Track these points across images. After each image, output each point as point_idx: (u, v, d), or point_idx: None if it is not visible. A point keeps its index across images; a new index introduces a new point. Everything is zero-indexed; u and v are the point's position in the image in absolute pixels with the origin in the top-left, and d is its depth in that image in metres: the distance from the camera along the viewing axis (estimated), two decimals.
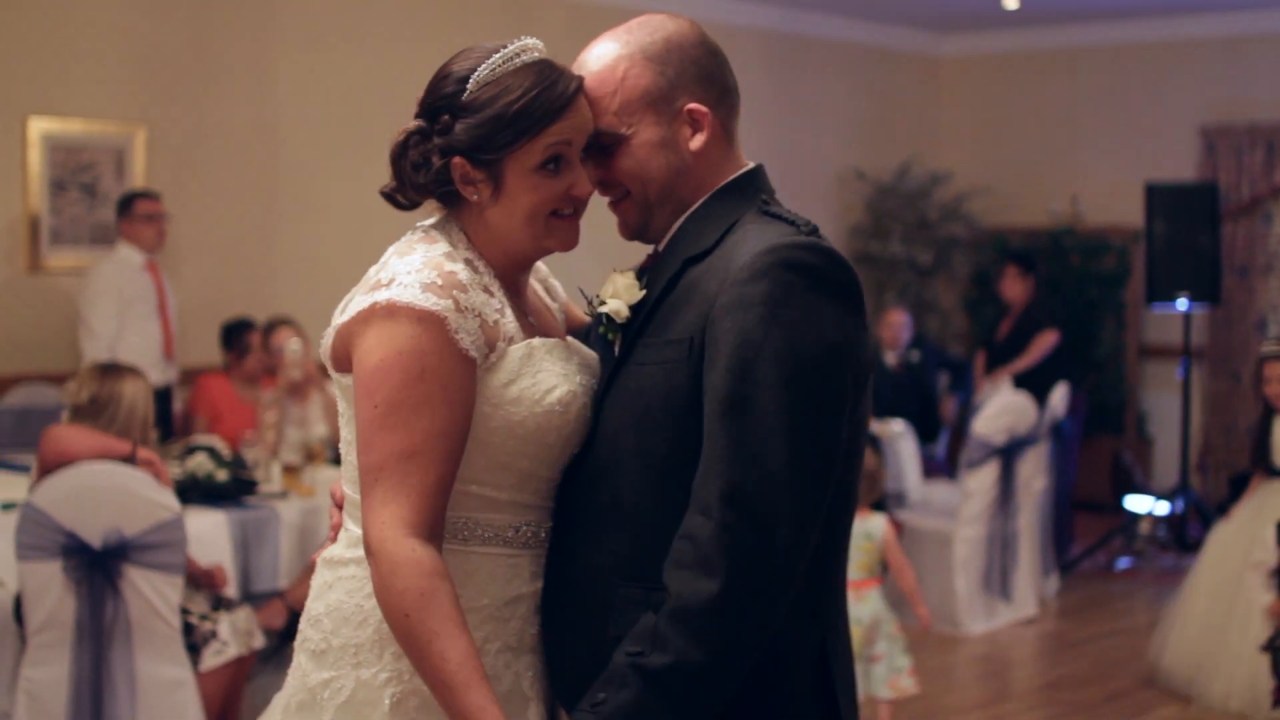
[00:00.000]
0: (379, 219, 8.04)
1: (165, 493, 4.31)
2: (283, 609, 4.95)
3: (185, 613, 4.45)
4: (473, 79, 2.00)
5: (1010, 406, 7.10)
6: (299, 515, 5.11)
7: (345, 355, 2.00)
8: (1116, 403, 9.89)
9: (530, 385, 1.99)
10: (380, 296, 1.94)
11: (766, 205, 2.02)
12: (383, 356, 1.92)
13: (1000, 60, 10.63)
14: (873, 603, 4.93)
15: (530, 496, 2.05)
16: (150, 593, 4.26)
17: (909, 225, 10.10)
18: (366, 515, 1.91)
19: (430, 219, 2.10)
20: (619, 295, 2.07)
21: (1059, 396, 7.74)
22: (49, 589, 4.20)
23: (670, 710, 1.82)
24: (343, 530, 2.09)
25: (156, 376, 6.49)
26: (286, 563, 5.05)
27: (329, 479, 5.39)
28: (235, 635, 4.57)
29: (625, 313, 2.05)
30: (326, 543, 2.15)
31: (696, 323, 1.93)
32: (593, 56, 2.06)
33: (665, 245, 2.07)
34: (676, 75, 2.03)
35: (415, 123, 2.05)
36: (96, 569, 4.20)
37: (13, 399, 6.66)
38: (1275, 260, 9.50)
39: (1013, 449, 7.05)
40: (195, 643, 4.48)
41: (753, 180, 2.08)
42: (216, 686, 4.54)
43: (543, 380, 2.00)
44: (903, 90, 10.67)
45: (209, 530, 4.83)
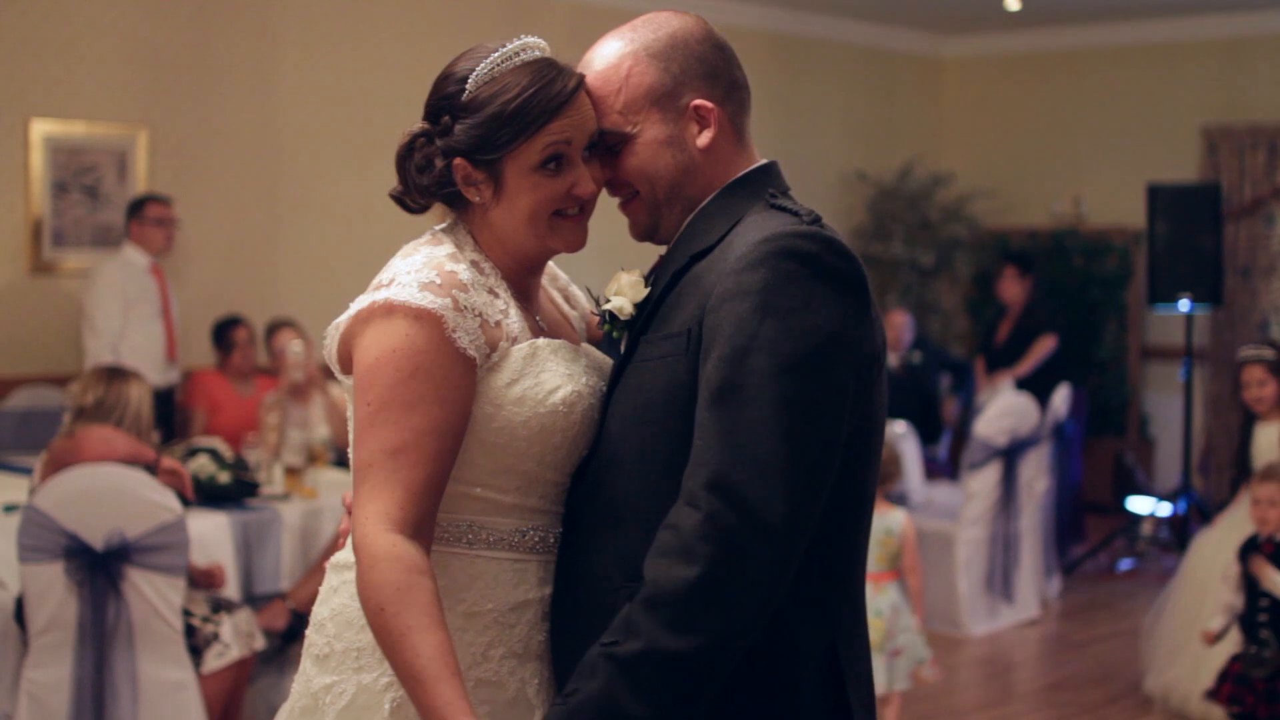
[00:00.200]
0: (380, 220, 8.07)
1: (167, 494, 4.31)
2: (284, 611, 4.95)
3: (187, 615, 4.45)
4: (471, 78, 1.98)
5: (1012, 408, 7.10)
6: (301, 517, 5.11)
7: (348, 356, 1.99)
8: (1118, 404, 9.88)
9: (533, 385, 1.97)
10: (379, 296, 1.94)
11: (774, 198, 1.97)
12: (377, 355, 1.91)
13: (1002, 62, 10.63)
14: (892, 595, 4.97)
15: (537, 501, 2.01)
16: (152, 595, 4.26)
17: (911, 226, 10.09)
18: (354, 512, 1.89)
19: (443, 223, 2.09)
20: (623, 293, 2.05)
21: (1061, 398, 7.73)
22: (51, 591, 4.20)
23: (640, 698, 1.74)
24: (350, 536, 2.08)
25: (159, 378, 6.50)
26: (288, 564, 5.05)
27: (331, 481, 5.40)
28: (237, 637, 4.57)
29: (629, 310, 2.03)
30: (335, 547, 2.14)
31: (695, 314, 1.89)
32: (597, 55, 2.03)
33: (673, 243, 2.03)
34: (681, 72, 1.99)
35: (419, 125, 2.04)
36: (98, 571, 4.20)
37: (15, 401, 6.66)
38: (1277, 261, 9.49)
39: (1015, 450, 7.05)
40: (197, 645, 4.47)
41: (762, 175, 2.03)
42: (218, 688, 4.54)
43: (546, 380, 1.97)
44: (905, 91, 10.66)
45: (211, 532, 4.83)
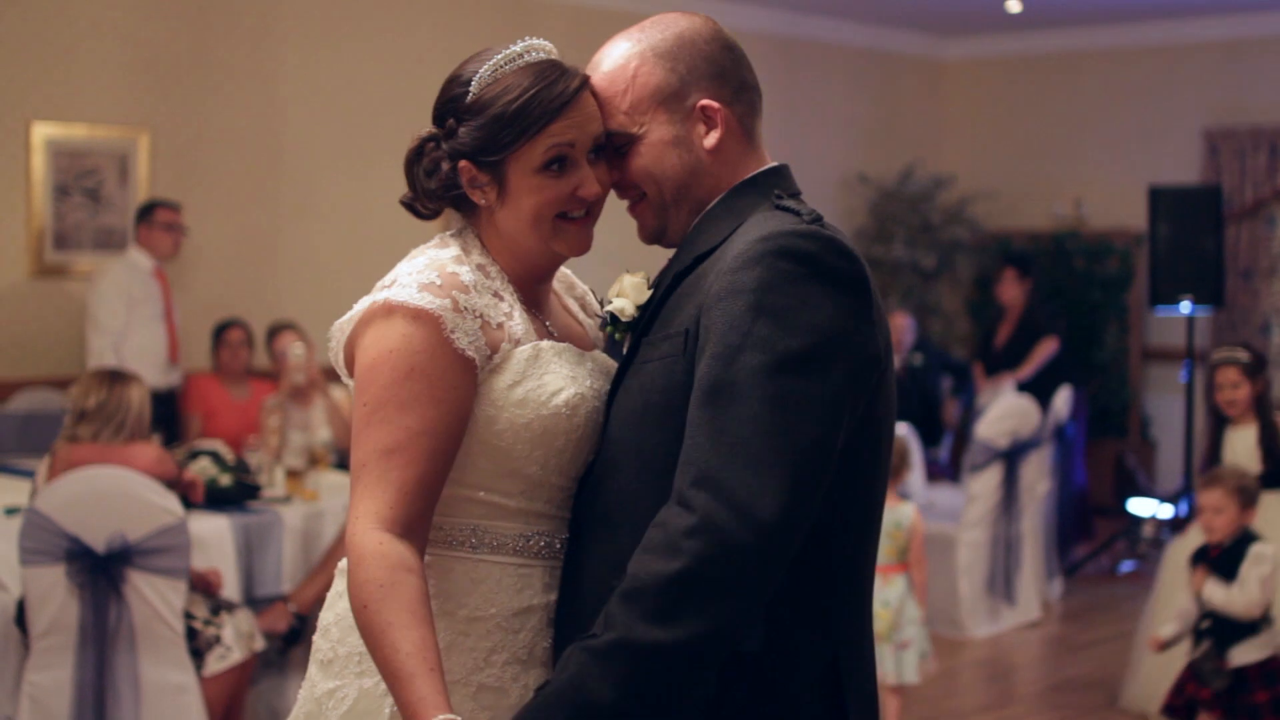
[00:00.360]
0: (381, 222, 8.07)
1: (168, 497, 4.32)
2: (286, 613, 4.95)
3: (189, 617, 4.45)
4: (475, 80, 1.98)
5: (1013, 410, 7.10)
6: (302, 519, 5.11)
7: (354, 358, 1.98)
8: (1120, 406, 9.88)
9: (536, 387, 1.96)
10: (379, 297, 1.94)
11: (780, 199, 1.94)
12: (375, 356, 1.91)
13: (1003, 64, 10.63)
14: (900, 587, 5.00)
15: (542, 505, 2.00)
16: (154, 597, 4.27)
17: (912, 229, 10.09)
18: (349, 512, 1.90)
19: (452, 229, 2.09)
20: (625, 294, 2.04)
21: (1062, 400, 7.73)
22: (52, 594, 4.20)
23: (608, 684, 1.70)
24: None
25: (161, 379, 6.52)
26: (290, 567, 5.05)
27: (332, 483, 5.40)
28: (238, 639, 4.57)
29: (630, 311, 2.02)
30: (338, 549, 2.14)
31: (693, 314, 1.86)
32: (606, 56, 2.03)
33: (680, 245, 2.01)
34: (688, 72, 1.98)
35: (427, 129, 2.04)
36: (100, 573, 4.20)
37: (17, 404, 6.67)
38: (1278, 263, 9.49)
39: (1016, 452, 7.05)
40: (199, 647, 4.48)
41: (771, 177, 2.01)
42: (220, 691, 4.54)
43: (549, 382, 1.97)
44: (906, 94, 10.66)
45: (212, 535, 4.83)
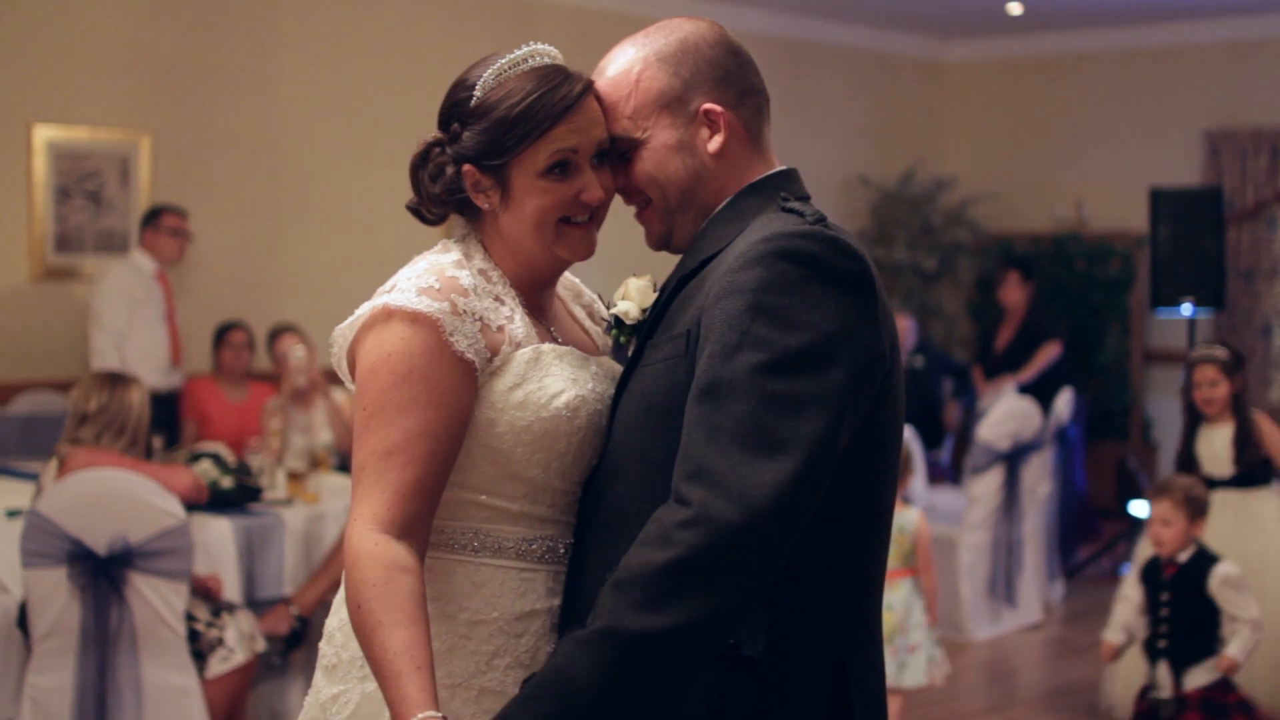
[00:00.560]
0: (383, 224, 8.06)
1: (170, 499, 4.32)
2: (287, 615, 4.95)
3: (191, 619, 4.46)
4: (479, 84, 1.99)
5: (1015, 412, 7.10)
6: (304, 522, 5.11)
7: (355, 363, 1.99)
8: (1121, 408, 9.88)
9: (536, 389, 1.96)
10: (379, 302, 1.95)
11: (785, 201, 1.93)
12: (374, 359, 1.92)
13: (1004, 66, 10.63)
14: (904, 591, 4.99)
15: (546, 510, 2.00)
16: (156, 599, 4.27)
17: (913, 231, 10.09)
18: (349, 514, 1.90)
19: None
20: (630, 298, 2.05)
21: (1064, 402, 7.73)
22: (54, 596, 4.21)
23: (598, 675, 1.69)
24: None
25: (163, 381, 6.53)
26: (291, 569, 5.05)
27: (333, 486, 5.40)
28: (240, 640, 4.58)
29: (635, 314, 2.03)
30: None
31: (695, 315, 1.86)
32: (611, 61, 2.03)
33: (687, 250, 2.01)
34: (691, 76, 1.98)
35: (433, 134, 2.05)
36: (102, 576, 4.20)
37: (18, 406, 6.67)
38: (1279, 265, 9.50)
39: (1017, 454, 7.05)
40: (201, 650, 4.48)
41: (777, 180, 2.00)
42: (222, 693, 4.54)
43: (549, 385, 1.97)
44: (907, 96, 10.66)
45: (214, 537, 4.83)
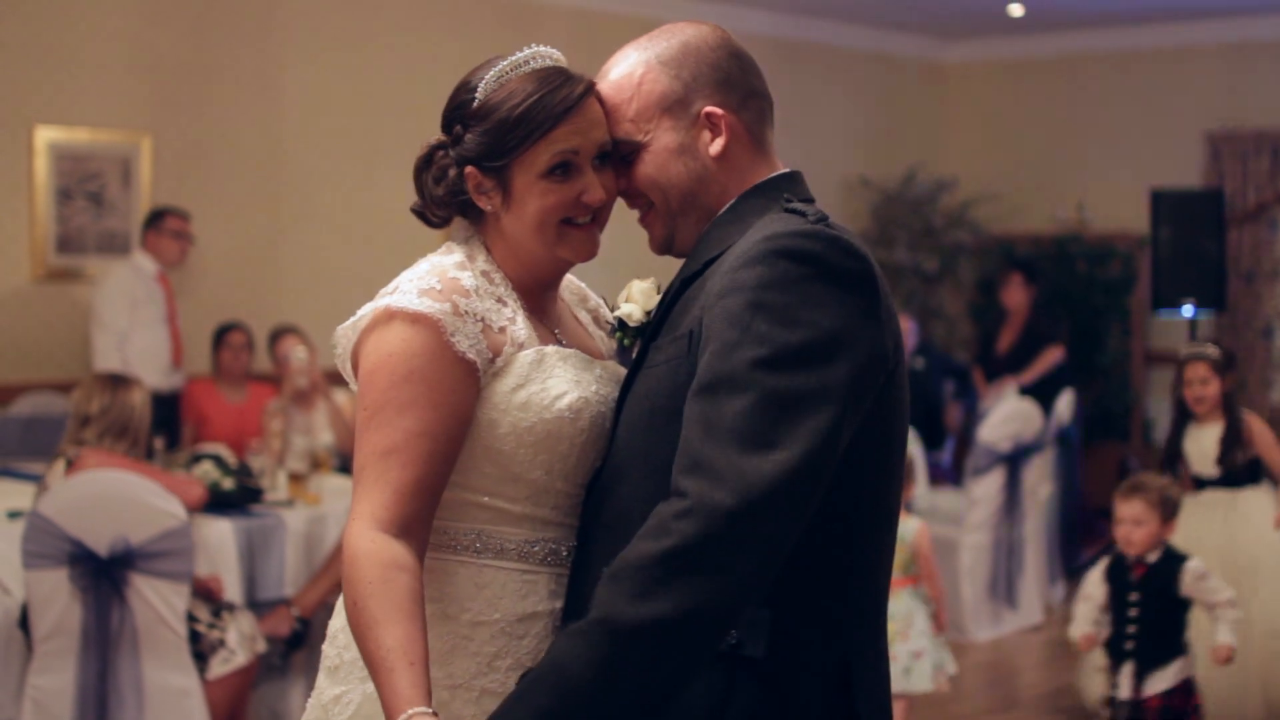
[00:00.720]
0: (384, 226, 8.06)
1: (171, 500, 4.32)
2: (288, 616, 4.95)
3: (192, 620, 4.46)
4: (481, 86, 2.00)
5: (1015, 413, 7.10)
6: (305, 523, 5.12)
7: (358, 365, 2.00)
8: (1122, 409, 9.87)
9: (539, 390, 1.96)
10: (381, 303, 1.96)
11: (789, 202, 1.92)
12: (376, 360, 1.93)
13: (1005, 67, 10.63)
14: (905, 600, 4.99)
15: (549, 512, 2.00)
16: (157, 601, 4.27)
17: (914, 232, 10.09)
18: (349, 514, 1.91)
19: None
20: (634, 300, 2.05)
21: (1065, 403, 7.73)
22: (55, 597, 4.21)
23: (592, 666, 1.67)
24: None
25: (164, 382, 6.54)
26: (292, 570, 5.05)
27: (335, 487, 5.40)
28: (241, 641, 4.58)
29: (638, 316, 2.03)
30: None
31: (696, 315, 1.86)
32: (613, 65, 2.04)
33: (690, 253, 2.00)
34: (693, 79, 1.99)
35: (436, 137, 2.06)
36: (103, 577, 4.21)
37: (20, 407, 6.68)
38: None
39: (1018, 456, 7.05)
40: (202, 651, 4.48)
41: (780, 183, 2.00)
42: (223, 694, 4.54)
43: (553, 386, 1.97)
44: (908, 97, 10.66)
45: (215, 538, 4.84)
